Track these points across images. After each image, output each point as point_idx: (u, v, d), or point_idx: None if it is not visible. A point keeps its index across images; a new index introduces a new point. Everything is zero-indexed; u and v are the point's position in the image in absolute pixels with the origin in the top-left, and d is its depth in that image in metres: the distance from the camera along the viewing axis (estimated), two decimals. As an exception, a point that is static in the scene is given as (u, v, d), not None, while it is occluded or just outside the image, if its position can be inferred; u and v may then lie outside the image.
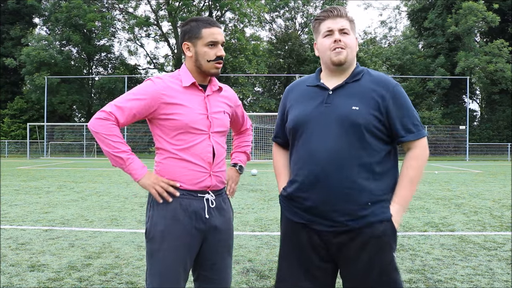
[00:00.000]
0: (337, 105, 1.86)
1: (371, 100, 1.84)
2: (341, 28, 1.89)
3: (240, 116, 2.37)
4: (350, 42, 1.90)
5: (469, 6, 35.86)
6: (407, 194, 1.87)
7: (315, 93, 1.94)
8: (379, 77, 1.91)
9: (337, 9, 1.92)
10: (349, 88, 1.89)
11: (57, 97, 36.22)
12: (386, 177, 1.88)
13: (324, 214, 1.86)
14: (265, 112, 34.33)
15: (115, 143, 1.98)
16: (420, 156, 1.89)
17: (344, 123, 1.82)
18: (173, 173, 2.05)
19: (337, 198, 1.82)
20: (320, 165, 1.83)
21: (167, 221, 2.02)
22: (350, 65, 1.93)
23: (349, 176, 1.81)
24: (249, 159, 2.45)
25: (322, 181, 1.83)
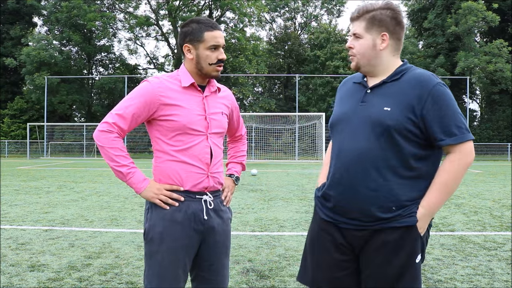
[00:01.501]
0: (372, 104, 1.81)
1: (405, 101, 1.75)
2: (353, 32, 1.86)
3: (235, 120, 2.35)
4: (360, 47, 1.84)
5: (469, 6, 35.85)
6: (436, 199, 1.76)
7: (356, 90, 1.91)
8: (420, 75, 1.79)
9: (354, 12, 1.87)
10: (386, 87, 1.82)
11: (57, 97, 36.23)
12: (417, 183, 1.79)
13: (347, 214, 1.83)
14: (265, 112, 34.34)
15: (116, 156, 1.99)
16: (458, 160, 1.75)
17: (374, 124, 1.77)
18: (171, 175, 2.04)
19: (360, 199, 1.78)
20: (345, 164, 1.81)
21: (166, 222, 2.02)
22: (377, 66, 1.85)
23: (374, 178, 1.76)
24: (244, 169, 2.45)
25: (346, 181, 1.81)
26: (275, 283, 3.78)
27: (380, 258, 1.79)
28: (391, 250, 1.77)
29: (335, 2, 45.71)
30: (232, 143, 2.44)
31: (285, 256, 4.61)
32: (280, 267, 4.24)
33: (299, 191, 10.50)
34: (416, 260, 1.78)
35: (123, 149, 2.01)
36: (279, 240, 5.38)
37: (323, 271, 1.91)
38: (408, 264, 1.77)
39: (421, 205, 1.77)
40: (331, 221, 1.90)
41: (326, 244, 1.91)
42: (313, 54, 40.34)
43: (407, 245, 1.77)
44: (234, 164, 2.40)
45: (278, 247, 5.01)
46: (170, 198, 2.02)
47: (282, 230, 5.99)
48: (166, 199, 2.01)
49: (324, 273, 1.91)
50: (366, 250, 1.83)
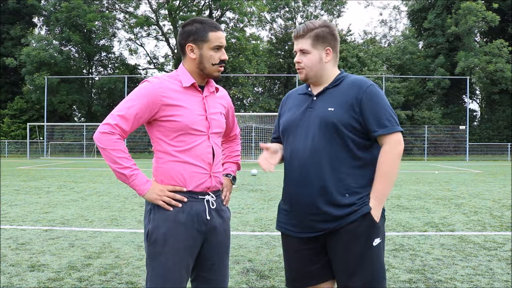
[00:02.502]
0: (318, 108, 2.05)
1: (346, 101, 2.01)
2: (300, 49, 2.07)
3: (231, 120, 2.36)
4: (308, 61, 2.06)
5: (468, 6, 35.85)
6: (382, 188, 1.99)
7: (303, 99, 2.15)
8: (356, 79, 2.07)
9: (298, 30, 2.08)
10: (329, 93, 2.08)
11: (57, 97, 36.21)
12: (364, 171, 2.02)
13: (308, 207, 2.01)
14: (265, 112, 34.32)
15: (119, 158, 1.97)
16: (390, 151, 1.98)
17: (321, 123, 2.00)
18: (174, 176, 2.04)
19: (318, 191, 1.99)
20: (300, 162, 2.02)
21: (169, 224, 2.01)
22: (321, 76, 2.09)
23: (327, 170, 1.98)
24: (239, 169, 2.46)
25: (303, 177, 2.01)
26: (275, 283, 3.78)
27: (341, 246, 2.00)
28: (350, 238, 1.98)
29: (335, 2, 45.70)
30: (226, 143, 2.44)
31: (285, 256, 4.61)
32: (280, 267, 4.24)
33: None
34: (374, 244, 1.99)
35: (125, 151, 1.99)
36: (279, 240, 5.37)
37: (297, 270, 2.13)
38: (366, 249, 1.98)
39: (372, 197, 2.00)
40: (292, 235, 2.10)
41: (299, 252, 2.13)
42: (313, 54, 40.28)
43: (364, 232, 1.98)
44: (230, 164, 2.41)
45: (278, 247, 5.01)
46: (173, 199, 2.02)
47: (282, 230, 5.99)
48: (169, 201, 2.01)
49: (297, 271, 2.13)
50: (330, 239, 2.03)
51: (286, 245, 2.18)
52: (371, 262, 1.98)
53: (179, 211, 2.02)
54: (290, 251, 2.15)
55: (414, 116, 37.39)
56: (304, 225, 2.05)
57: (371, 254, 1.98)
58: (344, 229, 1.98)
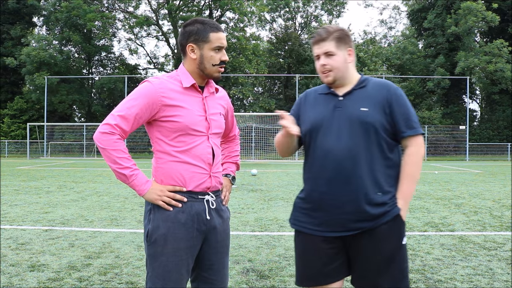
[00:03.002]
0: (348, 108, 2.07)
1: (377, 102, 2.06)
2: (325, 51, 2.08)
3: (230, 120, 2.36)
4: (335, 63, 2.08)
5: (468, 6, 35.84)
6: (408, 189, 2.07)
7: (327, 99, 2.15)
8: (381, 81, 2.14)
9: (320, 34, 2.10)
10: (356, 93, 2.10)
11: (57, 96, 36.21)
12: (391, 171, 2.08)
13: (345, 205, 2.01)
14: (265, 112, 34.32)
15: (119, 158, 1.97)
16: (415, 153, 2.07)
17: (355, 123, 2.03)
18: (174, 176, 2.04)
19: (356, 189, 2.00)
20: (337, 160, 2.02)
21: (169, 224, 2.01)
22: (345, 79, 2.12)
23: (365, 169, 2.01)
24: (238, 169, 2.46)
25: (341, 175, 2.01)
26: (275, 283, 3.78)
27: (373, 246, 2.02)
28: (383, 238, 2.02)
29: (335, 3, 45.70)
30: (225, 143, 2.44)
31: (285, 256, 4.61)
32: (280, 267, 4.24)
33: (299, 191, 10.49)
34: (403, 242, 2.07)
35: (125, 151, 1.99)
36: (279, 240, 5.38)
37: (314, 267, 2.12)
38: (397, 248, 2.05)
39: (399, 197, 2.07)
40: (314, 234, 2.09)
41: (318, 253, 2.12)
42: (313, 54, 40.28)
43: (395, 232, 2.05)
44: (229, 164, 2.41)
45: (278, 247, 5.02)
46: (173, 199, 2.02)
47: (282, 230, 5.99)
48: (169, 201, 2.01)
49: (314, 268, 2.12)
50: (357, 239, 2.04)
51: (305, 244, 2.15)
52: (401, 261, 2.05)
53: (179, 211, 2.02)
54: (309, 249, 2.12)
55: (414, 116, 37.36)
56: (334, 223, 2.04)
57: (400, 253, 2.05)
58: (378, 229, 2.02)
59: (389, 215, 2.03)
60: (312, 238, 2.09)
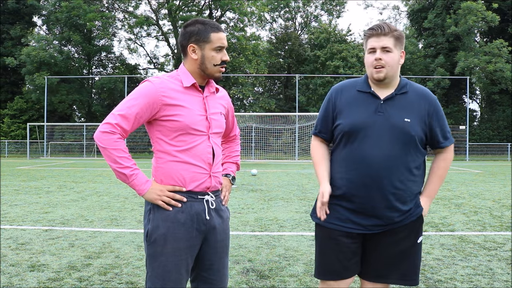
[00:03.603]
0: (390, 115, 2.09)
1: (419, 113, 2.11)
2: (383, 46, 2.07)
3: (230, 120, 2.36)
4: (391, 60, 2.08)
5: (468, 6, 35.84)
6: (435, 189, 2.22)
7: (367, 100, 2.13)
8: (422, 90, 2.18)
9: (382, 27, 2.09)
10: (398, 99, 2.13)
11: (57, 96, 36.21)
12: (420, 178, 2.18)
13: (373, 211, 2.09)
14: (265, 112, 34.33)
15: (119, 158, 1.97)
16: (449, 159, 2.25)
17: (396, 133, 2.06)
18: (174, 176, 2.03)
19: (388, 197, 2.07)
20: (374, 168, 2.06)
21: (169, 224, 2.01)
22: (393, 78, 2.14)
23: (399, 179, 2.07)
24: (238, 169, 2.46)
25: (376, 183, 2.06)
26: (275, 283, 3.78)
27: (389, 242, 2.12)
28: (400, 237, 2.13)
29: (335, 3, 45.70)
30: (226, 143, 2.44)
31: (285, 256, 4.61)
32: (280, 267, 4.24)
33: (299, 191, 10.50)
34: (418, 241, 2.17)
35: (125, 151, 1.99)
36: (279, 240, 5.38)
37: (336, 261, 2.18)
38: (414, 246, 2.16)
39: (425, 195, 2.20)
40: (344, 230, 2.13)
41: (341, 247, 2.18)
42: (313, 54, 40.30)
43: (414, 231, 2.16)
44: (229, 164, 2.41)
45: (278, 247, 5.02)
46: (172, 199, 2.01)
47: (282, 230, 5.99)
48: (169, 201, 2.01)
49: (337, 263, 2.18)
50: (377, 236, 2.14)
51: (327, 238, 2.18)
52: (414, 258, 2.17)
53: (179, 211, 2.02)
54: (331, 243, 2.16)
55: (414, 116, 37.35)
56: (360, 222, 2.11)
57: (415, 251, 2.17)
58: (398, 228, 2.12)
59: (412, 216, 2.13)
60: (335, 233, 2.13)
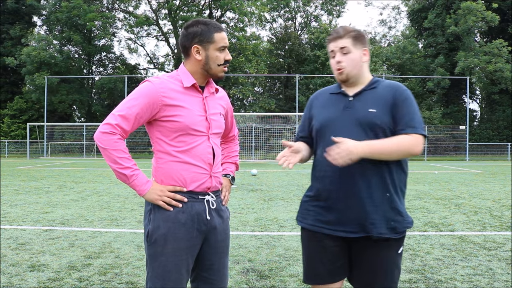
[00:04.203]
0: (356, 109, 2.08)
1: (385, 103, 2.07)
2: (341, 47, 2.09)
3: (229, 121, 2.36)
4: (350, 60, 2.09)
5: (468, 6, 35.85)
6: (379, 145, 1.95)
7: (337, 99, 2.16)
8: (392, 83, 2.15)
9: (337, 31, 2.12)
10: (366, 94, 2.11)
11: (57, 96, 36.21)
12: (399, 173, 2.08)
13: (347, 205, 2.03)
14: (265, 112, 34.33)
15: (119, 158, 1.97)
16: (407, 140, 1.98)
17: (363, 125, 2.04)
18: (174, 176, 2.03)
19: (360, 190, 2.01)
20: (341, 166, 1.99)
21: (169, 224, 2.01)
22: (358, 77, 2.13)
23: (371, 169, 2.01)
24: (237, 169, 2.46)
25: (347, 175, 2.02)
26: (275, 283, 3.78)
27: (371, 251, 2.05)
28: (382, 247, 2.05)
29: (335, 3, 45.69)
30: (225, 143, 2.44)
31: (285, 256, 4.61)
32: (280, 267, 4.24)
33: (299, 191, 10.50)
34: (399, 251, 2.10)
35: (125, 151, 1.99)
36: (279, 240, 5.38)
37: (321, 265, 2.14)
38: (395, 256, 2.08)
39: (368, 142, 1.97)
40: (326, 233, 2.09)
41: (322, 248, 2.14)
42: (313, 54, 40.31)
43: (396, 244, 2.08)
44: (228, 164, 2.41)
45: (278, 247, 5.01)
46: (173, 199, 2.01)
47: (282, 230, 5.99)
48: (169, 201, 2.01)
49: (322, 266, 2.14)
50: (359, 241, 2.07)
51: (311, 241, 2.16)
52: (395, 267, 2.09)
53: (179, 211, 2.02)
54: (315, 247, 2.14)
55: (414, 116, 37.34)
56: (340, 222, 2.05)
57: (396, 261, 2.09)
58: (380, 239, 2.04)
59: (397, 233, 2.05)
60: (318, 235, 2.11)
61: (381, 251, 2.05)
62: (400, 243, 2.09)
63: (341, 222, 2.05)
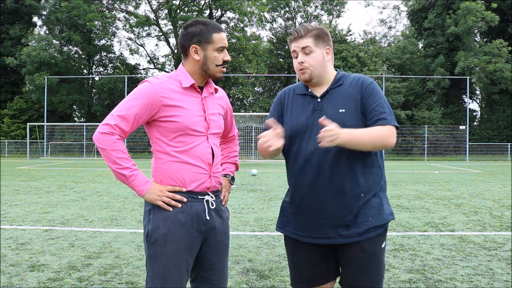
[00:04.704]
0: (326, 110, 2.03)
1: (353, 100, 2.02)
2: (303, 47, 2.04)
3: (229, 121, 2.36)
4: (313, 60, 2.05)
5: (467, 7, 35.85)
6: (358, 134, 1.92)
7: (305, 101, 2.11)
8: (356, 77, 2.09)
9: (298, 30, 2.06)
10: (333, 93, 2.07)
11: (57, 96, 36.22)
12: (373, 169, 2.04)
13: (322, 209, 2.00)
14: (265, 112, 34.32)
15: (118, 159, 1.97)
16: (382, 131, 1.94)
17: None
18: (173, 176, 2.04)
19: (335, 195, 1.98)
20: (318, 164, 1.99)
21: (169, 224, 2.01)
22: (322, 76, 2.08)
23: (345, 173, 1.98)
24: (237, 169, 2.46)
25: (321, 178, 1.99)
26: (275, 283, 3.78)
27: (354, 249, 2.02)
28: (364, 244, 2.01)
29: (335, 2, 45.70)
30: (224, 143, 2.44)
31: (285, 256, 4.61)
32: (280, 267, 4.24)
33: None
34: (382, 246, 2.06)
35: (125, 151, 1.99)
36: (279, 240, 5.38)
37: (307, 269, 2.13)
38: (378, 252, 2.04)
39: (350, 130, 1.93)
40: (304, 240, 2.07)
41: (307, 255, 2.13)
42: (313, 54, 40.29)
43: (378, 239, 2.04)
44: (228, 164, 2.41)
45: (278, 247, 5.01)
46: (172, 199, 2.01)
47: (282, 230, 5.99)
48: (169, 201, 2.01)
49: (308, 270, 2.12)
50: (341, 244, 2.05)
51: (292, 247, 2.16)
52: (379, 263, 2.05)
53: (179, 211, 2.02)
54: (296, 253, 2.13)
55: (414, 116, 37.40)
56: (315, 229, 2.03)
57: (380, 256, 2.06)
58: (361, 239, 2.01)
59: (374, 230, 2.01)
60: (299, 242, 2.10)
61: (364, 247, 2.01)
62: (383, 237, 2.06)
63: (315, 228, 2.02)
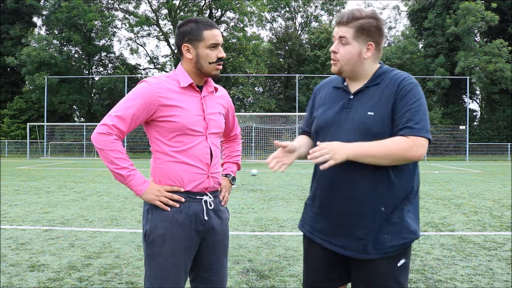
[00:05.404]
0: (356, 110, 1.85)
1: (386, 102, 1.80)
2: (340, 35, 1.84)
3: (231, 120, 2.34)
4: (346, 54, 1.84)
5: (467, 7, 35.86)
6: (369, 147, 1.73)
7: (338, 95, 1.94)
8: (396, 76, 1.85)
9: (342, 15, 1.85)
10: (368, 92, 1.86)
11: (57, 96, 36.24)
12: (400, 183, 1.82)
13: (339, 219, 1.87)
14: (265, 112, 34.33)
15: (116, 159, 1.97)
16: (403, 143, 1.72)
17: (361, 129, 1.81)
18: (171, 176, 2.03)
19: (353, 202, 1.82)
20: (336, 169, 1.81)
21: (167, 224, 2.01)
22: (358, 73, 1.88)
23: (366, 180, 1.81)
24: (239, 169, 2.44)
25: (340, 185, 1.85)
26: (275, 283, 3.78)
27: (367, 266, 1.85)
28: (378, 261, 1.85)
29: (335, 3, 45.70)
30: (227, 143, 2.43)
31: (285, 256, 4.61)
32: (280, 267, 4.24)
33: (299, 191, 10.50)
34: (398, 264, 1.85)
35: (122, 151, 1.99)
36: (279, 240, 5.38)
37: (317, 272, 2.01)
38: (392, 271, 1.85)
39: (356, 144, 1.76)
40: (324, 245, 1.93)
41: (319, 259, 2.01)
42: (313, 54, 40.32)
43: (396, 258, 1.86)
44: (230, 164, 2.40)
45: (278, 247, 5.01)
46: (170, 199, 2.01)
47: (282, 230, 5.99)
48: (167, 201, 2.01)
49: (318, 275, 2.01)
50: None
51: (308, 247, 2.05)
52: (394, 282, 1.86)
53: (177, 211, 2.02)
54: (311, 253, 2.03)
55: (414, 116, 37.34)
56: (332, 232, 1.90)
57: (397, 275, 1.86)
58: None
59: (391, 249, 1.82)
60: (312, 242, 2.00)
61: (378, 266, 1.83)
62: (402, 256, 1.86)
63: (330, 233, 1.90)
